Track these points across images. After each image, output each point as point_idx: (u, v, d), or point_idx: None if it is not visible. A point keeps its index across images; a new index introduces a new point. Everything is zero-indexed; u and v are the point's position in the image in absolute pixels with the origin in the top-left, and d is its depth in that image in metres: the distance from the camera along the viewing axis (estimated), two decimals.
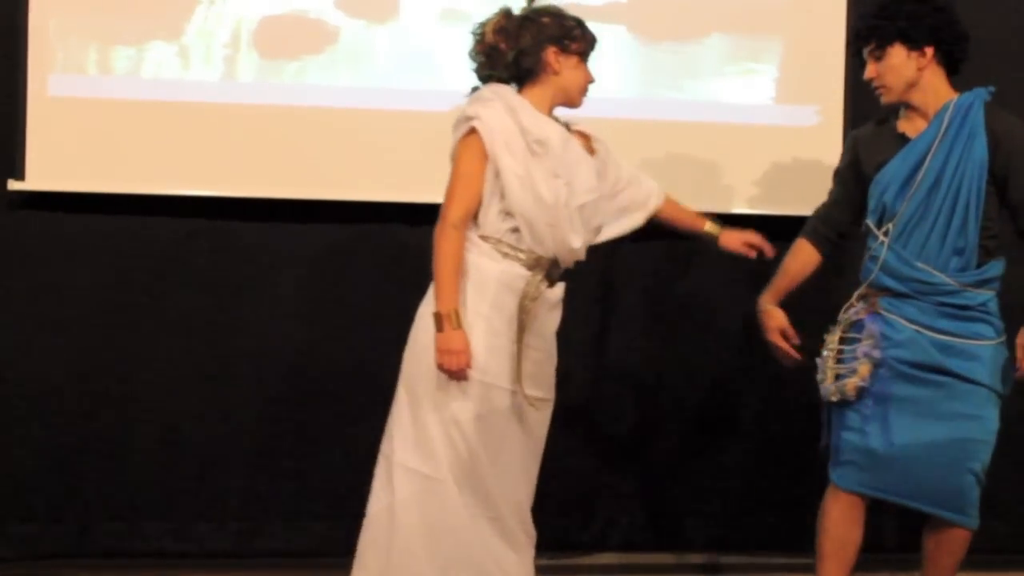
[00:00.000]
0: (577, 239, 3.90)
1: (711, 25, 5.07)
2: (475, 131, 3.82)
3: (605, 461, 5.22)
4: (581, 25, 3.95)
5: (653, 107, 5.08)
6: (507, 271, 3.84)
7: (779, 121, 5.11)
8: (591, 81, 3.99)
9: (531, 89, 3.93)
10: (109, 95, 4.87)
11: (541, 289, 3.88)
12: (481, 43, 3.92)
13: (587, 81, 3.98)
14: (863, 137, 4.14)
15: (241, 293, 5.04)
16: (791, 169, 5.04)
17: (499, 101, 3.85)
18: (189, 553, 5.02)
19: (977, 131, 3.90)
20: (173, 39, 4.89)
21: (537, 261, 3.87)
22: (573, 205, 3.87)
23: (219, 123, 4.91)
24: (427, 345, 3.80)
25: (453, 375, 3.76)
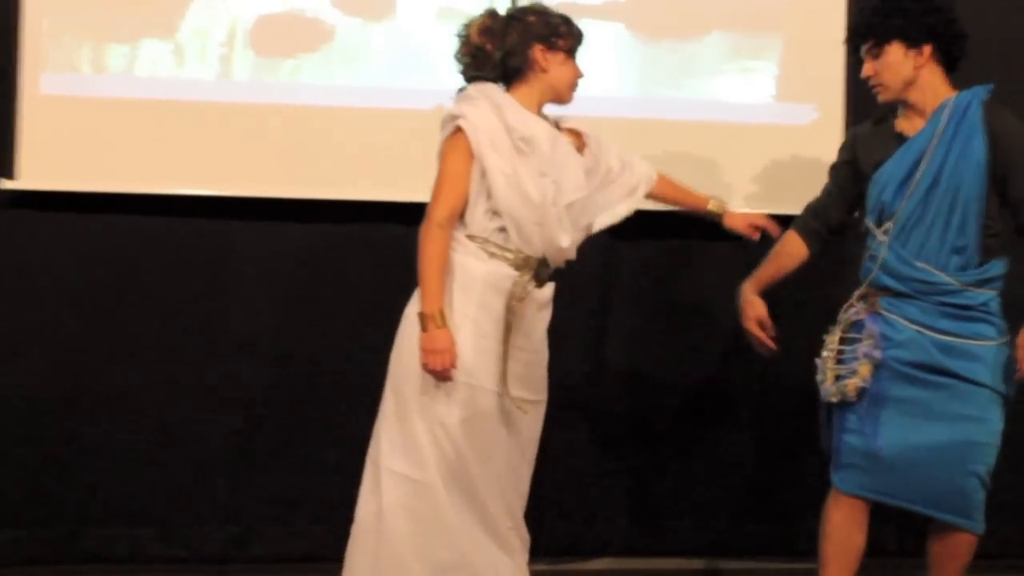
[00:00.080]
0: (566, 238, 3.86)
1: (710, 23, 5.07)
2: (461, 130, 3.79)
3: (605, 466, 5.20)
4: (567, 21, 3.91)
5: (652, 106, 5.07)
6: (494, 271, 3.80)
7: (778, 120, 5.10)
8: (580, 77, 3.95)
9: (519, 88, 3.90)
10: (103, 93, 4.86)
11: (528, 289, 3.84)
12: (467, 45, 3.89)
13: (576, 77, 3.94)
14: (861, 135, 4.12)
15: (236, 294, 5.03)
16: (791, 168, 5.03)
17: (485, 100, 3.82)
18: (179, 559, 5.00)
19: (975, 130, 3.88)
20: (168, 37, 4.88)
21: (525, 261, 3.83)
22: (561, 203, 3.83)
23: (214, 122, 4.90)
24: (413, 347, 3.76)
25: (438, 375, 3.73)
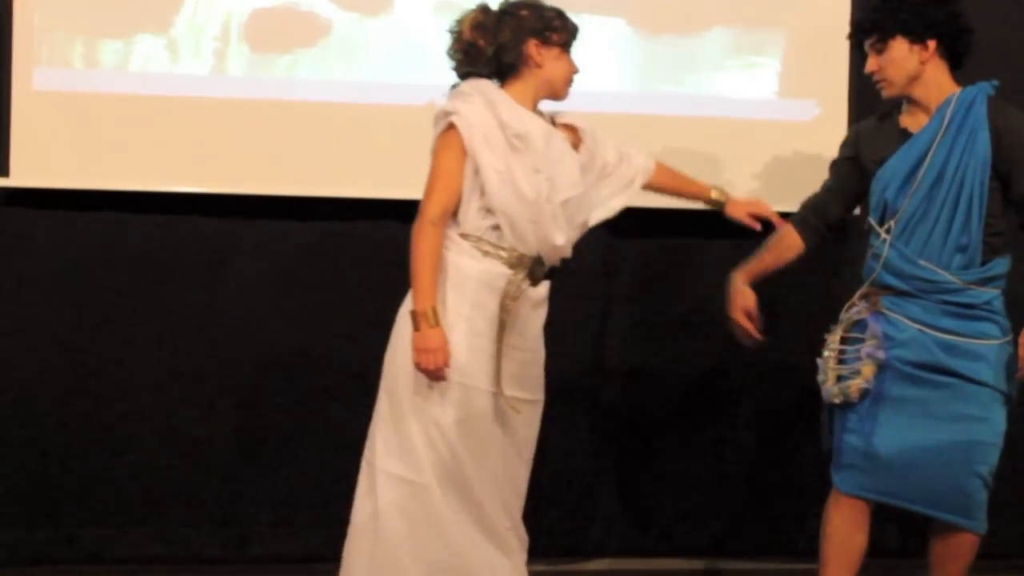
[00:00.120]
0: (560, 236, 3.81)
1: (712, 18, 5.03)
2: (454, 127, 3.75)
3: (604, 466, 5.17)
4: (561, 15, 3.86)
5: (653, 101, 5.03)
6: (488, 270, 3.76)
7: (781, 116, 5.07)
8: (575, 72, 3.90)
9: (514, 84, 3.85)
10: (96, 89, 4.82)
11: (523, 288, 3.79)
12: (459, 41, 3.84)
13: (571, 72, 3.89)
14: (865, 131, 4.10)
15: (233, 293, 5.00)
16: (793, 164, 4.99)
17: (478, 96, 3.78)
18: (177, 559, 4.98)
19: (980, 126, 3.85)
20: (161, 32, 4.84)
21: (519, 259, 3.79)
22: (556, 201, 3.78)
23: (209, 118, 4.87)
24: (406, 347, 3.73)
25: (430, 375, 3.69)
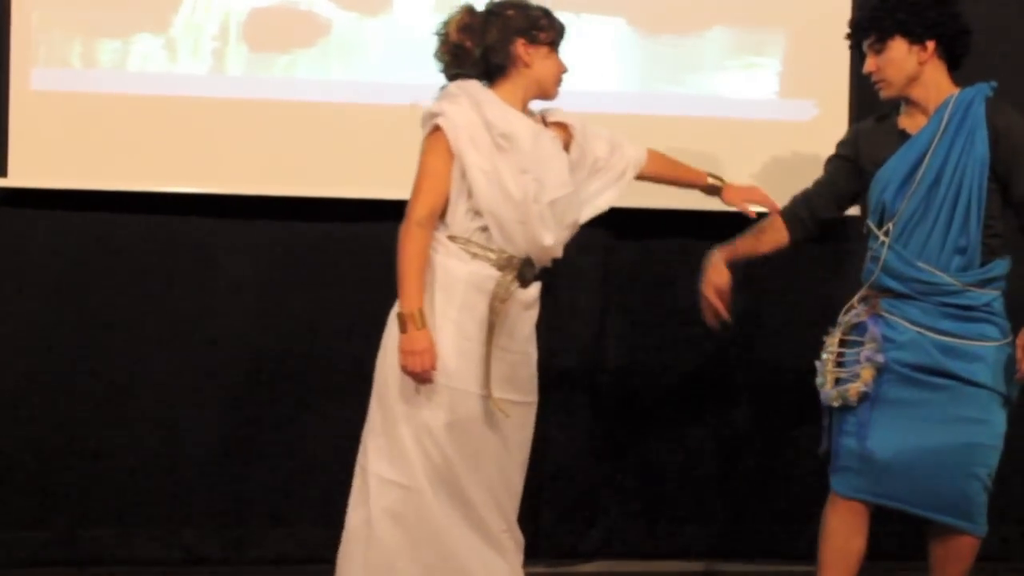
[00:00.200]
0: (549, 236, 3.78)
1: (713, 18, 5.03)
2: (440, 128, 3.73)
3: (605, 468, 5.17)
4: (548, 14, 3.84)
5: (653, 102, 5.02)
6: (476, 272, 3.74)
7: (782, 116, 5.07)
8: (564, 71, 3.88)
9: (503, 84, 3.83)
10: (94, 89, 4.82)
11: (511, 290, 3.77)
12: (446, 43, 3.83)
13: (560, 71, 3.87)
14: (864, 132, 4.09)
15: (232, 293, 4.99)
16: (794, 165, 4.97)
17: (464, 96, 3.76)
18: (176, 560, 4.98)
19: (978, 127, 3.84)
20: (160, 31, 4.84)
21: (508, 261, 3.77)
22: (544, 201, 3.75)
23: (207, 118, 4.86)
24: (395, 351, 3.71)
25: (417, 377, 3.67)
